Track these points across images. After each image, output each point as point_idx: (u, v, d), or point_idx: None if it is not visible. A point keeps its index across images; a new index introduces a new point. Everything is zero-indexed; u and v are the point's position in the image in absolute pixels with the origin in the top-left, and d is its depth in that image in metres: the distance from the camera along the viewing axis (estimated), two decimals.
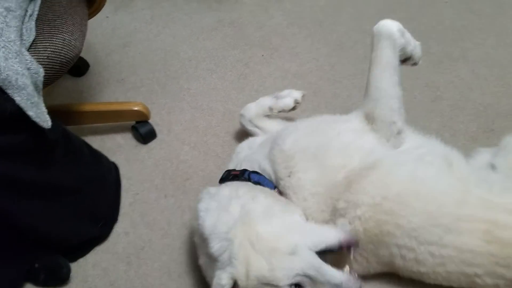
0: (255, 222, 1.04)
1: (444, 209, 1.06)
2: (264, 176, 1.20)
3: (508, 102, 1.62)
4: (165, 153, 1.61)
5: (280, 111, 1.48)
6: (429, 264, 1.08)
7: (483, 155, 1.28)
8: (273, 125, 1.47)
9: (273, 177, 1.19)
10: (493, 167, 1.17)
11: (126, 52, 1.96)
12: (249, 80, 1.81)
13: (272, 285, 0.99)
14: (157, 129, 1.64)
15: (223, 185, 1.21)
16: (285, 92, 1.50)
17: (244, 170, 1.22)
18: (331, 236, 1.01)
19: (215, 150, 1.60)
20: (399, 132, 1.18)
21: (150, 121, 1.63)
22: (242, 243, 1.02)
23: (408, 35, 1.20)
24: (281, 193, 1.17)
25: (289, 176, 1.15)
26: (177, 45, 1.97)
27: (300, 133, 1.20)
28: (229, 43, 1.96)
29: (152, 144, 1.63)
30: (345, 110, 1.30)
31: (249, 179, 1.19)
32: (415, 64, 1.26)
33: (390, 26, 1.16)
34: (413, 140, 1.24)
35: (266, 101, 1.49)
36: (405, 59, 1.23)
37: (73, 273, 1.33)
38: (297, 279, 0.99)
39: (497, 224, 1.04)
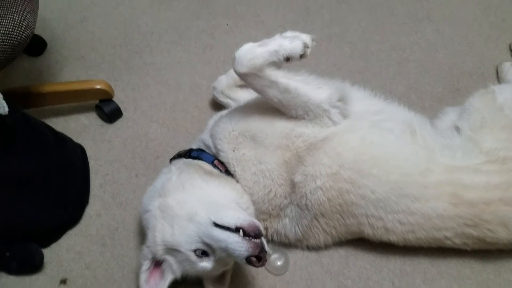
0: (168, 193, 1.11)
1: (409, 179, 1.08)
2: (204, 151, 1.24)
3: (472, 61, 1.64)
4: (133, 131, 1.57)
5: None
6: (399, 231, 1.11)
7: (449, 115, 1.31)
8: (245, 95, 1.45)
9: (213, 150, 1.22)
10: (457, 129, 1.19)
11: (84, 28, 1.87)
12: (215, 51, 1.77)
13: (176, 250, 1.05)
14: (122, 107, 1.60)
15: (172, 163, 1.27)
16: None
17: (190, 149, 1.28)
18: (231, 216, 1.02)
19: (184, 125, 1.57)
20: (339, 100, 1.11)
21: (115, 99, 1.58)
22: (154, 212, 1.11)
23: (267, 49, 1.03)
24: (222, 163, 1.19)
25: (233, 150, 1.17)
26: (137, 17, 1.90)
27: (244, 115, 1.19)
28: (192, 12, 1.90)
29: (119, 123, 1.59)
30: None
31: (190, 156, 1.24)
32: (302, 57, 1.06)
33: (243, 66, 1.05)
34: (371, 105, 1.24)
35: None
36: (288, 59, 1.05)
37: (47, 259, 1.32)
38: (198, 246, 1.03)
39: (463, 185, 1.07)
